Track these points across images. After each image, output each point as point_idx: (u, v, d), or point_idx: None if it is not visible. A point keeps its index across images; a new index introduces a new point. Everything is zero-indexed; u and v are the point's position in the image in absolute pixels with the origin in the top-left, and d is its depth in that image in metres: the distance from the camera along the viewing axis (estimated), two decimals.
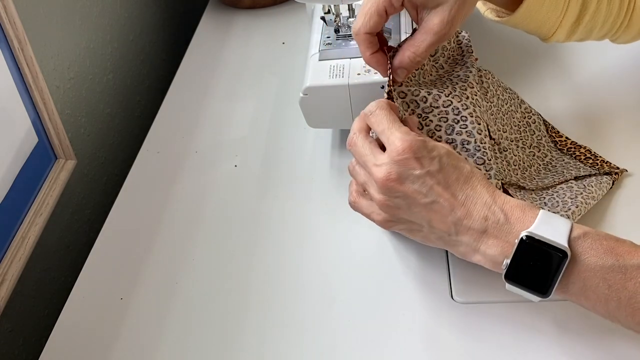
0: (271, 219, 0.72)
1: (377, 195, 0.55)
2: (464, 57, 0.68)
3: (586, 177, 0.68)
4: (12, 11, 0.65)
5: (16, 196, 0.67)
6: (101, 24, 0.95)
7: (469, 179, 0.53)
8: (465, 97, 0.62)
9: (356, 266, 0.65)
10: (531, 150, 0.71)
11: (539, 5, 0.67)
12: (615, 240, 0.50)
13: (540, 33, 0.71)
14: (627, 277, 0.48)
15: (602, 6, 0.69)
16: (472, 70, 0.66)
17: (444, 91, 0.63)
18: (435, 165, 0.53)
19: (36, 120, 0.70)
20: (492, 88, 0.70)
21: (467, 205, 0.52)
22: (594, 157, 0.70)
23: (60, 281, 0.83)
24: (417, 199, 0.53)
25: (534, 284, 0.51)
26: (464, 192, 0.53)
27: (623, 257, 0.49)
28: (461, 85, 0.63)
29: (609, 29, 0.71)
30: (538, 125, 0.73)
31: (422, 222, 0.55)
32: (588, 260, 0.49)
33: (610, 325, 0.56)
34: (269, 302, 0.63)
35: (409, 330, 0.58)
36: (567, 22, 0.69)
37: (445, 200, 0.53)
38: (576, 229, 0.50)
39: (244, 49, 1.02)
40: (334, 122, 0.76)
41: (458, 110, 0.61)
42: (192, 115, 0.89)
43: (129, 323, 0.63)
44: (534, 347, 0.56)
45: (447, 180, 0.53)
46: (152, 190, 0.78)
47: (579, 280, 0.50)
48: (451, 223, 0.53)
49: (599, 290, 0.49)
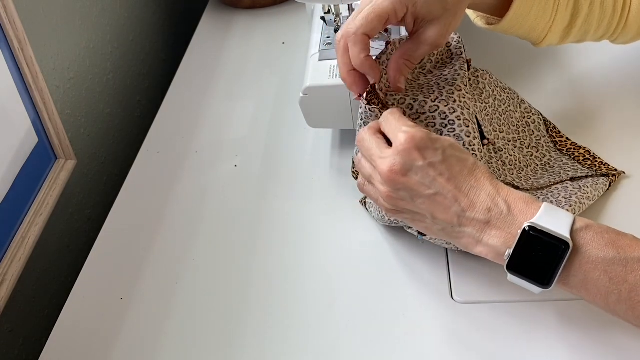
0: (271, 219, 0.72)
1: (381, 187, 0.56)
2: (453, 59, 0.68)
3: (583, 178, 0.68)
4: (12, 11, 0.65)
5: (16, 196, 0.67)
6: (101, 24, 0.95)
7: (473, 171, 0.54)
8: (452, 100, 0.62)
9: (356, 266, 0.65)
10: (529, 150, 0.71)
11: (526, 11, 0.68)
12: (617, 234, 0.50)
13: (531, 38, 0.71)
14: (628, 269, 0.49)
15: (595, 9, 0.69)
16: (461, 73, 0.65)
17: (430, 97, 0.63)
18: (439, 157, 0.53)
19: (36, 120, 0.70)
20: (488, 88, 0.70)
21: (471, 196, 0.53)
22: (592, 159, 0.70)
23: (60, 281, 0.83)
24: (421, 190, 0.54)
25: (535, 274, 0.51)
26: (467, 183, 0.53)
27: (624, 250, 0.49)
28: (448, 89, 0.63)
29: (605, 31, 0.71)
30: (538, 125, 0.73)
31: (425, 213, 0.55)
32: (590, 252, 0.49)
33: (611, 325, 0.56)
34: (268, 302, 0.63)
35: (409, 330, 0.58)
36: (557, 27, 0.69)
37: (448, 191, 0.53)
38: (579, 221, 0.51)
39: (244, 49, 1.02)
40: (334, 122, 0.76)
41: (445, 115, 0.62)
42: (192, 115, 0.89)
43: (129, 323, 0.63)
44: (534, 347, 0.56)
45: (451, 172, 0.53)
46: (152, 190, 0.78)
47: (580, 272, 0.50)
48: (454, 214, 0.53)
49: (600, 282, 0.49)
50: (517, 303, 0.59)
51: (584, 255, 0.49)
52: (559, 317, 0.58)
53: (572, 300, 0.58)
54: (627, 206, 0.67)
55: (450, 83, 0.64)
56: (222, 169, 0.79)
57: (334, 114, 0.73)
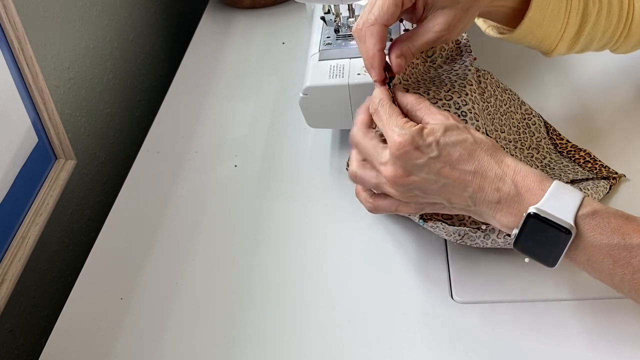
0: (271, 219, 0.72)
1: (392, 191, 0.56)
2: (462, 56, 0.68)
3: (583, 180, 0.68)
4: (12, 11, 0.65)
5: (16, 196, 0.67)
6: (101, 24, 0.95)
7: (473, 152, 0.53)
8: (465, 93, 0.62)
9: (356, 266, 0.65)
10: (529, 152, 0.71)
11: (539, 20, 0.67)
12: (624, 219, 0.51)
13: (542, 48, 0.71)
14: (632, 254, 0.49)
15: (602, 17, 0.69)
16: (471, 69, 0.66)
17: (443, 87, 0.63)
18: (434, 151, 0.53)
19: (36, 120, 0.70)
20: (489, 88, 0.70)
21: (477, 180, 0.53)
22: (593, 161, 0.70)
23: (60, 281, 0.83)
24: (429, 185, 0.54)
25: (540, 255, 0.52)
26: (472, 166, 0.53)
27: (630, 235, 0.50)
28: (460, 83, 0.63)
29: (609, 40, 0.71)
30: (538, 127, 0.73)
31: (442, 201, 0.56)
32: (593, 237, 0.50)
33: (611, 325, 0.56)
34: (268, 302, 0.63)
35: (409, 330, 0.58)
36: (568, 35, 0.69)
37: (454, 180, 0.53)
38: (586, 205, 0.51)
39: (244, 49, 1.02)
40: (334, 122, 0.76)
41: (458, 105, 0.62)
42: (192, 115, 0.89)
43: (129, 323, 0.63)
44: (534, 347, 0.56)
45: (451, 160, 0.53)
46: (152, 190, 0.78)
47: (584, 254, 0.51)
48: (467, 197, 0.54)
49: (604, 264, 0.50)
50: (517, 303, 0.59)
51: (587, 240, 0.50)
52: (559, 317, 0.58)
53: (572, 301, 0.59)
54: (627, 209, 0.66)
55: (462, 77, 0.64)
56: (222, 169, 0.79)
57: (334, 114, 0.73)
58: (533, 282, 0.60)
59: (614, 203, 0.67)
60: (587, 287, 0.59)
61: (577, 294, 0.59)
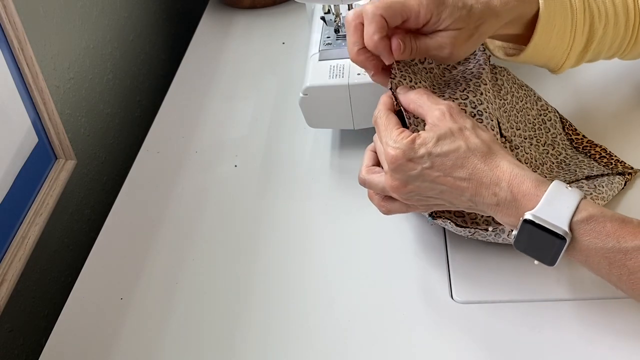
0: (271, 219, 0.72)
1: (397, 196, 0.57)
2: (476, 55, 0.68)
3: (598, 176, 0.67)
4: (12, 11, 0.65)
5: (16, 196, 0.67)
6: (101, 24, 0.95)
7: (466, 160, 0.53)
8: (480, 92, 0.63)
9: (356, 266, 0.65)
10: (545, 148, 0.71)
11: (546, 41, 0.67)
12: (620, 222, 0.51)
13: (549, 66, 0.71)
14: (627, 257, 0.50)
15: (609, 30, 0.68)
16: (485, 68, 0.66)
17: (459, 87, 0.63)
18: (427, 162, 0.54)
19: (36, 120, 0.70)
20: (506, 85, 0.70)
21: (473, 186, 0.53)
22: (608, 157, 0.70)
23: (60, 281, 0.83)
24: (427, 192, 0.55)
25: (539, 256, 0.53)
26: (465, 173, 0.53)
27: (625, 239, 0.50)
28: (475, 82, 0.63)
29: (617, 50, 0.71)
30: (554, 122, 0.73)
31: (444, 202, 0.57)
32: (589, 241, 0.50)
33: (611, 325, 0.56)
34: (268, 302, 0.63)
35: (409, 330, 0.58)
36: (574, 52, 0.69)
37: (450, 186, 0.54)
38: (582, 211, 0.51)
39: (244, 49, 1.02)
40: (334, 122, 0.76)
41: (474, 104, 0.62)
42: (192, 115, 0.89)
43: (129, 323, 0.63)
44: (534, 347, 0.56)
45: (445, 169, 0.54)
46: (152, 190, 0.78)
47: (580, 255, 0.51)
48: (467, 200, 0.55)
49: (600, 265, 0.51)
50: (517, 303, 0.59)
51: (582, 245, 0.51)
52: (559, 317, 0.58)
53: (572, 301, 0.59)
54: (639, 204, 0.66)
55: (477, 76, 0.64)
56: (222, 169, 0.79)
57: (334, 114, 0.73)
58: (533, 282, 0.60)
59: (629, 198, 0.67)
60: (587, 287, 0.59)
61: (577, 294, 0.59)
